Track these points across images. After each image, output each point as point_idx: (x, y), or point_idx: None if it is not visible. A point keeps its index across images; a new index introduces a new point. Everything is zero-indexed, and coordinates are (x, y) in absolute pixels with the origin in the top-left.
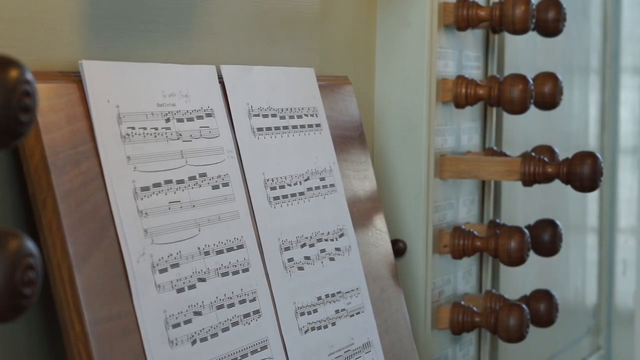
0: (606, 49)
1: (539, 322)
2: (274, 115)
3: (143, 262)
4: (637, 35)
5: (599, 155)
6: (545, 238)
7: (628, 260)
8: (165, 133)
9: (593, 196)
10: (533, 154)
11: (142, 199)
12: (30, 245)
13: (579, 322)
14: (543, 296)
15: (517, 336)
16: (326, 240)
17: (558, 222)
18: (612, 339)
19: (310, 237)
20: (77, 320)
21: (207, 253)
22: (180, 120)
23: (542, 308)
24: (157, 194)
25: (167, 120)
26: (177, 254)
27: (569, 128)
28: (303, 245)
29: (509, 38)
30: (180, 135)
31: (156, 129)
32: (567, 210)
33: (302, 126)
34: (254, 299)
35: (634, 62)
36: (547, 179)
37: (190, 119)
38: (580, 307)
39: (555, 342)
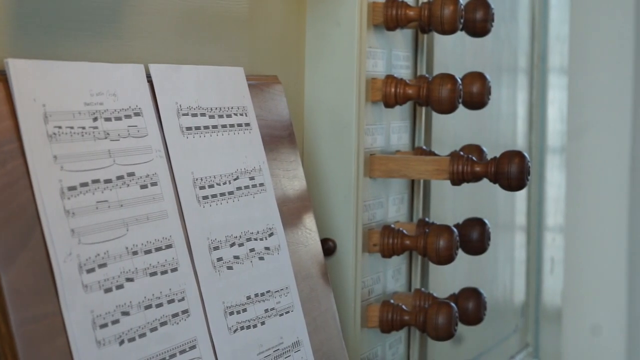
0: (534, 49)
1: (467, 320)
2: (203, 115)
3: (70, 262)
4: (564, 35)
5: (526, 155)
6: (473, 237)
7: (556, 258)
8: (93, 132)
9: (521, 195)
10: (461, 153)
11: (69, 198)
12: None
13: (508, 320)
14: (471, 294)
15: (446, 334)
16: (255, 239)
17: (486, 221)
18: (540, 336)
19: (240, 237)
20: (2, 321)
21: (135, 253)
22: (108, 120)
23: (470, 306)
24: (84, 194)
25: (95, 119)
26: (105, 253)
27: (498, 127)
28: (232, 245)
29: (438, 38)
30: (108, 134)
31: (83, 128)
32: (495, 209)
33: (232, 125)
34: (182, 299)
35: (562, 62)
36: (475, 178)
37: (118, 118)
38: (508, 305)
39: (484, 339)
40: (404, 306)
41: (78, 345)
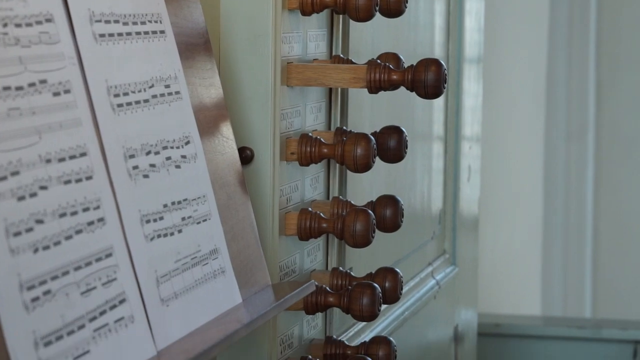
0: None
1: (384, 227)
2: (116, 22)
3: None
4: None
5: (442, 63)
6: (391, 144)
7: (472, 167)
8: (3, 39)
9: (439, 105)
10: (379, 61)
11: None
12: None
13: (425, 227)
14: (389, 202)
15: (364, 241)
16: (172, 147)
17: (403, 129)
18: (457, 243)
19: (156, 145)
20: None
21: (48, 161)
22: (18, 26)
23: (387, 213)
24: None
25: (5, 25)
26: (18, 161)
27: (415, 37)
28: (148, 153)
29: None
30: (19, 40)
31: None
32: (413, 119)
33: (146, 32)
34: (98, 207)
35: None
36: (392, 85)
37: (29, 24)
38: (426, 213)
39: (402, 247)
40: (322, 214)
41: None
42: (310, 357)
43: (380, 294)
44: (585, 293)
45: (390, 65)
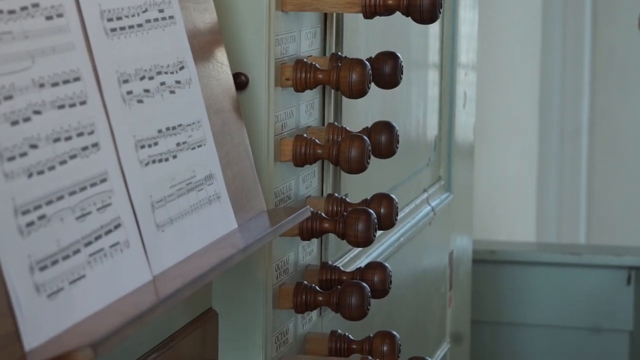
0: None
1: (380, 153)
2: None
3: None
4: None
5: None
6: (386, 70)
7: (468, 94)
8: None
9: (434, 32)
10: None
11: None
12: None
13: (420, 154)
14: (384, 127)
15: (359, 167)
16: (166, 73)
17: (399, 55)
18: (452, 170)
19: (150, 70)
20: None
21: (42, 85)
22: None
23: (383, 139)
24: None
25: None
26: (10, 85)
27: None
28: (142, 78)
29: None
30: None
31: None
32: (408, 46)
33: None
34: (92, 132)
35: None
36: (387, 10)
37: None
38: (421, 140)
39: (397, 173)
40: (317, 140)
41: None
42: (305, 282)
43: (375, 220)
44: (579, 219)
45: None
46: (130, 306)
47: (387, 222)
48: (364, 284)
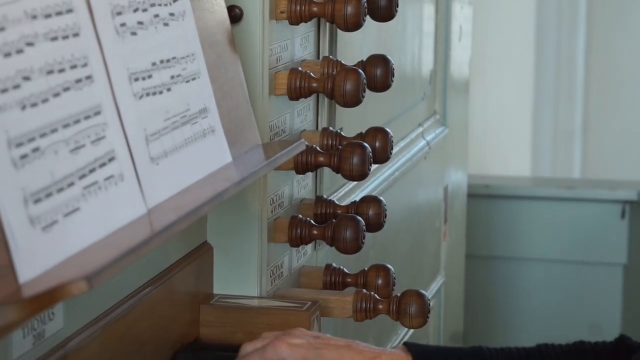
0: None
1: (375, 87)
2: None
3: None
4: None
5: None
6: (381, 3)
7: (463, 28)
8: None
9: None
10: None
11: None
12: None
13: (415, 88)
14: (379, 61)
15: (354, 100)
16: (159, 5)
17: None
18: (448, 104)
19: (143, 2)
20: None
21: (34, 17)
22: None
23: (378, 73)
24: None
25: None
26: (3, 17)
27: None
28: (136, 10)
29: None
30: None
31: None
32: None
33: None
34: (85, 65)
35: None
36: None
37: None
38: (416, 74)
39: (392, 107)
40: (312, 73)
41: None
42: (300, 216)
43: (370, 154)
44: (574, 153)
45: None
46: (125, 239)
47: (382, 155)
48: (359, 218)
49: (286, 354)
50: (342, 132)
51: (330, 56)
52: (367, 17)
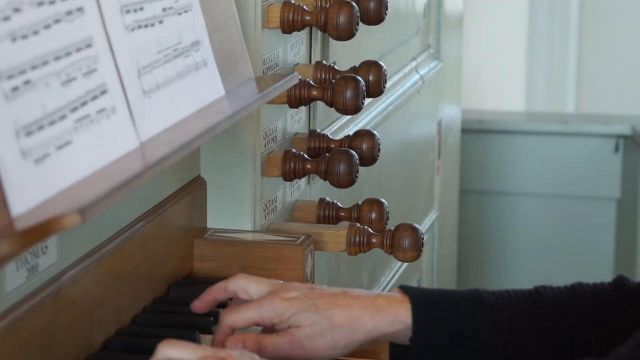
0: None
1: (368, 20)
2: None
3: None
4: None
5: None
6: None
7: None
8: None
9: None
10: None
11: None
12: None
13: (409, 22)
14: None
15: (347, 33)
16: None
17: None
18: (441, 39)
19: None
20: None
21: None
22: None
23: (371, 5)
24: None
25: None
26: None
27: None
28: None
29: None
30: None
31: None
32: None
33: None
34: None
35: None
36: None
37: None
38: (410, 8)
39: (386, 41)
40: (305, 6)
41: None
42: (294, 150)
43: (363, 87)
44: (568, 88)
45: None
46: (118, 172)
47: (376, 89)
48: (352, 152)
49: (283, 308)
50: (335, 66)
51: None
52: None
